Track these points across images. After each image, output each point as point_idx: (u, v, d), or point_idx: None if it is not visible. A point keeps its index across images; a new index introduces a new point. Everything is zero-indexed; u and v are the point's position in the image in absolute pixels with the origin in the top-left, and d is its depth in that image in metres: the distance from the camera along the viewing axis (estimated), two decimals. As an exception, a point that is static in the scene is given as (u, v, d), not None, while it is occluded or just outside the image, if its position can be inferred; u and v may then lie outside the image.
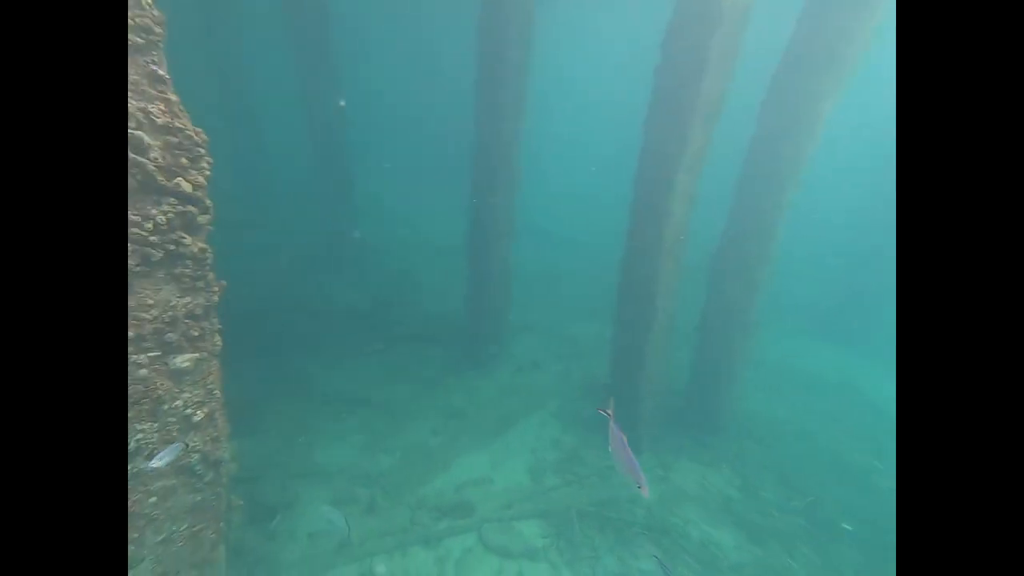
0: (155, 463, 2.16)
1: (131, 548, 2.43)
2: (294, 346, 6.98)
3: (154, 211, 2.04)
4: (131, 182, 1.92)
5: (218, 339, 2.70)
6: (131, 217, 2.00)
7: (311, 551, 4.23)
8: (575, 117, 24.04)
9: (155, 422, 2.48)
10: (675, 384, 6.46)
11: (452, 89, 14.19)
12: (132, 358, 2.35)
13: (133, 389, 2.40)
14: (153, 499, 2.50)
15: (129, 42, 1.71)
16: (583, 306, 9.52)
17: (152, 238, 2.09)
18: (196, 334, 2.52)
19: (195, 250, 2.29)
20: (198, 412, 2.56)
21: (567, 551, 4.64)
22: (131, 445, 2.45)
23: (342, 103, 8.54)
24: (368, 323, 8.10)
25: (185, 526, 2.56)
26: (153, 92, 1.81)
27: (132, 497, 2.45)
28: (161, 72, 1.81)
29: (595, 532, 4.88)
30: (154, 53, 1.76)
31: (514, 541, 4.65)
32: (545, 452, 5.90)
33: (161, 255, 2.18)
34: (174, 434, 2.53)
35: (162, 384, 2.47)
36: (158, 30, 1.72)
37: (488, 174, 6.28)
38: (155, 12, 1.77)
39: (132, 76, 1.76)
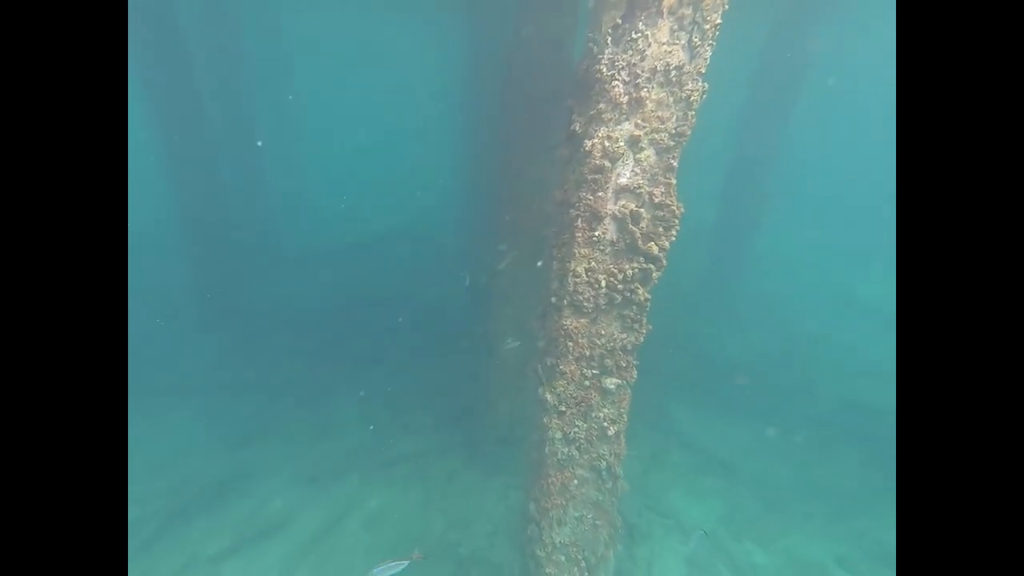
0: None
1: (559, 512, 3.26)
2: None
3: (627, 267, 2.62)
4: (620, 244, 2.57)
5: (634, 372, 3.14)
6: (611, 269, 2.68)
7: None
8: None
9: (586, 423, 3.21)
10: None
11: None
12: (583, 371, 3.15)
13: (577, 394, 3.21)
14: (575, 481, 3.24)
15: (661, 143, 2.22)
16: None
17: (619, 286, 2.69)
18: (623, 364, 3.05)
19: (642, 299, 2.75)
20: (611, 427, 3.08)
21: None
22: (567, 433, 3.30)
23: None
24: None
25: (590, 515, 3.15)
26: (662, 179, 2.35)
27: (565, 472, 3.28)
28: (675, 164, 2.30)
29: None
30: (677, 152, 2.28)
31: None
32: None
33: (620, 300, 2.77)
34: (594, 437, 3.17)
35: (594, 397, 3.16)
36: (687, 136, 2.23)
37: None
38: (692, 121, 2.26)
39: (655, 168, 2.30)
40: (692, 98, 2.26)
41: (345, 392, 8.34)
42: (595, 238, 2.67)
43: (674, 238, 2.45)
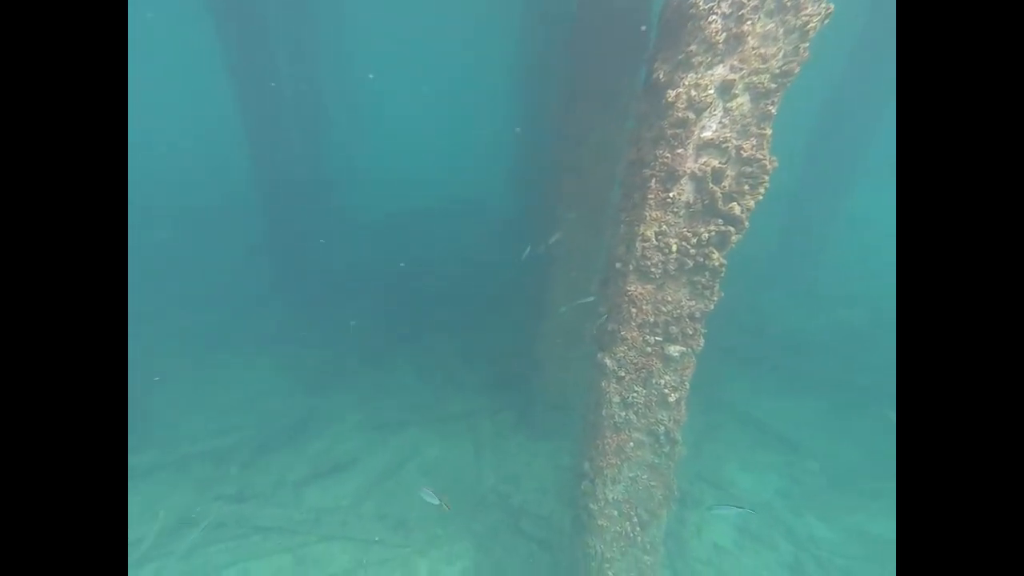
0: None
1: (614, 471, 3.34)
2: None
3: (702, 230, 2.49)
4: (697, 206, 2.43)
5: (701, 340, 3.05)
6: (684, 233, 2.56)
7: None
8: None
9: (645, 389, 3.20)
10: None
11: None
12: (645, 337, 3.11)
13: (638, 360, 3.19)
14: (631, 444, 3.29)
15: (760, 87, 1.98)
16: None
17: (692, 251, 2.57)
18: (690, 332, 2.96)
19: (716, 264, 2.62)
20: (672, 394, 3.05)
21: None
22: (625, 398, 3.32)
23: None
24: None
25: (645, 476, 3.21)
26: (755, 130, 2.15)
27: (621, 435, 3.34)
28: (773, 111, 2.09)
29: None
30: (778, 96, 2.06)
31: None
32: None
33: (691, 265, 2.66)
34: (653, 403, 3.16)
35: (655, 364, 3.12)
36: (794, 75, 2.00)
37: None
38: (805, 55, 1.99)
39: (748, 118, 2.07)
40: (809, 25, 1.92)
41: (403, 352, 8.88)
42: (669, 199, 2.53)
43: (760, 197, 2.26)
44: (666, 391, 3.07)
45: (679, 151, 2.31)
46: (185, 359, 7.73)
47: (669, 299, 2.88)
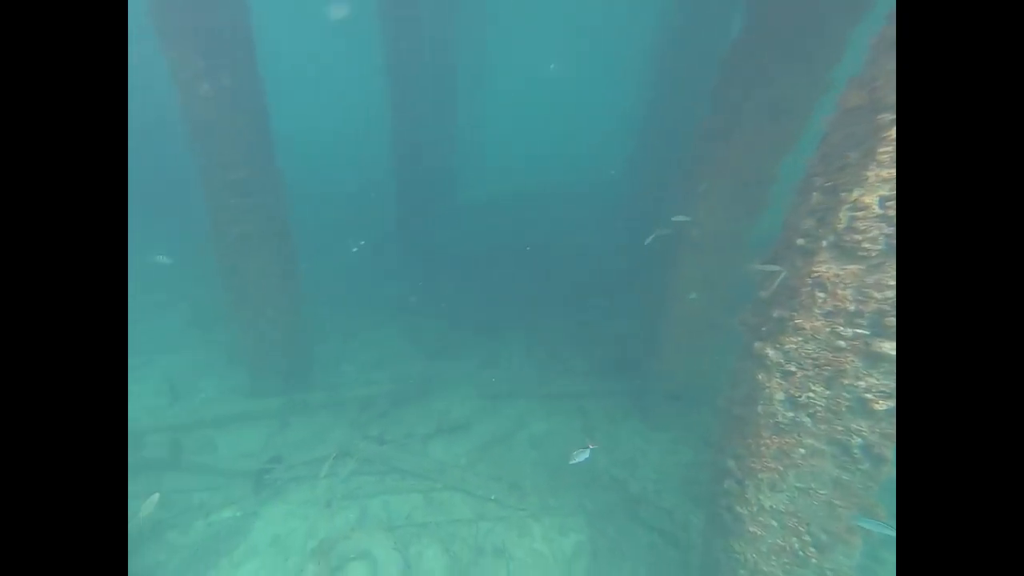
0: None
1: (774, 476, 2.94)
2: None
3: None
4: None
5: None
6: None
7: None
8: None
9: (829, 390, 2.69)
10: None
11: None
12: (836, 329, 2.59)
13: (820, 355, 2.68)
14: (801, 450, 2.83)
15: None
16: None
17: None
18: (910, 326, 2.38)
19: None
20: (880, 402, 2.50)
21: None
22: (795, 397, 2.85)
23: None
24: None
25: (824, 492, 2.75)
26: None
27: (786, 438, 2.90)
28: None
29: None
30: None
31: None
32: None
33: (934, 240, 2.09)
34: (843, 408, 2.65)
35: (850, 362, 2.59)
36: None
37: None
38: None
39: None
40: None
41: (513, 328, 9.14)
42: (910, 156, 2.00)
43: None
44: (868, 396, 2.53)
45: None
46: (336, 320, 9.00)
47: (887, 282, 2.33)
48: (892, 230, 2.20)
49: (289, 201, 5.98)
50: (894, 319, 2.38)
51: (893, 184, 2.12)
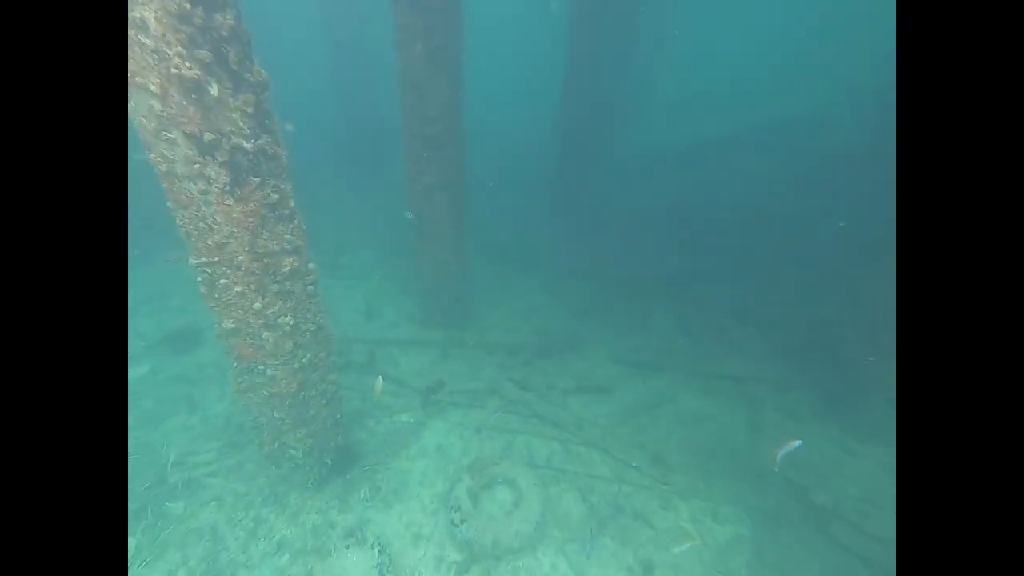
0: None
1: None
2: None
3: None
4: None
5: None
6: None
7: None
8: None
9: None
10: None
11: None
12: None
13: None
14: None
15: None
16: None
17: None
18: None
19: None
20: None
21: None
22: None
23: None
24: None
25: None
26: None
27: None
28: None
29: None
30: None
31: None
32: None
33: None
34: None
35: None
36: None
37: None
38: None
39: None
40: None
41: (665, 296, 8.56)
42: None
43: None
44: None
45: None
46: (488, 267, 9.74)
47: None
48: None
49: (468, 153, 6.45)
50: None
51: None
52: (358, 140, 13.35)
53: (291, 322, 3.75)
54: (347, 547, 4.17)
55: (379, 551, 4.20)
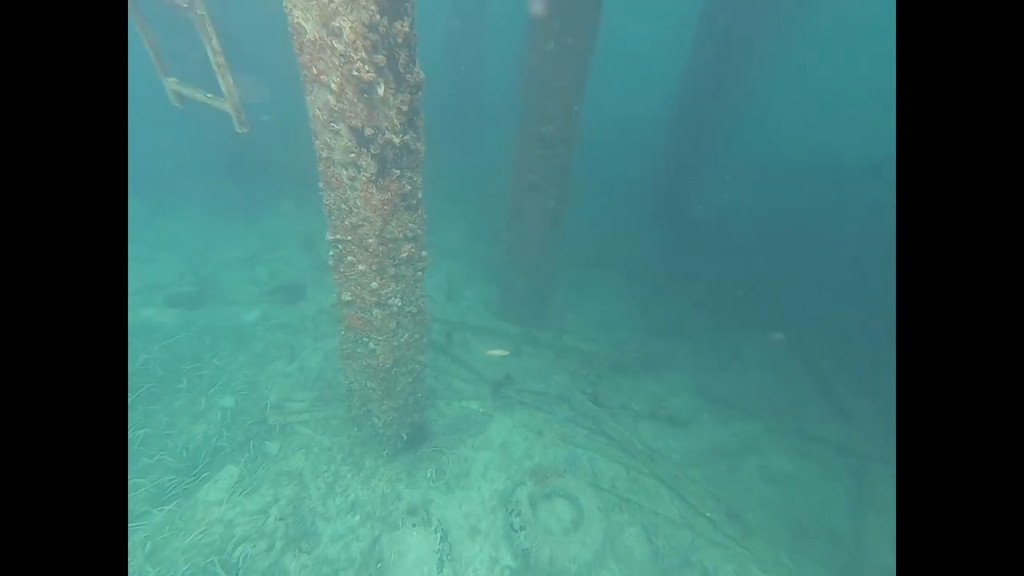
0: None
1: None
2: None
3: None
4: None
5: None
6: None
7: None
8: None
9: None
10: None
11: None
12: None
13: None
14: None
15: None
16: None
17: None
18: None
19: None
20: None
21: None
22: None
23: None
24: None
25: None
26: None
27: None
28: None
29: None
30: None
31: None
32: None
33: None
34: None
35: None
36: None
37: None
38: None
39: None
40: None
41: (758, 328, 7.75)
42: None
43: None
44: None
45: None
46: (573, 270, 9.47)
47: None
48: None
49: (575, 154, 6.24)
50: None
51: None
52: (460, 125, 13.68)
53: (399, 303, 3.93)
54: (413, 525, 4.39)
55: (441, 537, 4.36)
